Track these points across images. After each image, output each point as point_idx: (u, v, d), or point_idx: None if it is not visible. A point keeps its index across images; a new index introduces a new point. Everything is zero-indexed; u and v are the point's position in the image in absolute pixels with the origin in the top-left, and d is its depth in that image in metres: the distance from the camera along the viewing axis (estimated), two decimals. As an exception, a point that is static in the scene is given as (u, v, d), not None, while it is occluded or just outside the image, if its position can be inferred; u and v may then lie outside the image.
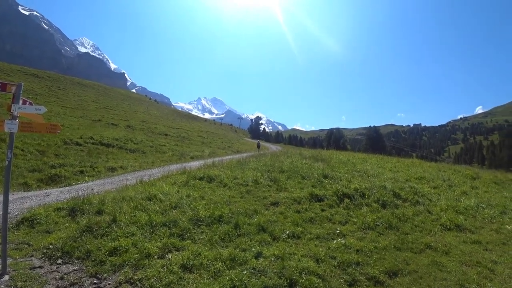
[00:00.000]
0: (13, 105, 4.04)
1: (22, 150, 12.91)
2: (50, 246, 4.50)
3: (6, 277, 3.67)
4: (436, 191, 9.78)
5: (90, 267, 4.01)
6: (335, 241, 5.19)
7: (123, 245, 4.41)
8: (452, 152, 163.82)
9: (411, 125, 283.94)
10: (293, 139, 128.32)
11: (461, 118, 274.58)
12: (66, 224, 5.40)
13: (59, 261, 4.18)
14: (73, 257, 4.27)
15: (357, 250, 4.89)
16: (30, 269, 3.93)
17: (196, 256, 4.24)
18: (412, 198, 8.31)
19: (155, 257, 4.26)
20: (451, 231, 6.41)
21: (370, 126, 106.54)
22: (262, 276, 3.85)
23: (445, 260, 4.89)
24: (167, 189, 7.29)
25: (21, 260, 4.17)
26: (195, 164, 13.61)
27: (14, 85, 4.12)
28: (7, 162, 4.02)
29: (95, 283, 3.71)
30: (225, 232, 5.14)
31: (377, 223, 6.26)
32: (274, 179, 8.94)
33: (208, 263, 4.09)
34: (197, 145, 29.77)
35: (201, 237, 5.02)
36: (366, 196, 7.86)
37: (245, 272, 3.90)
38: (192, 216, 5.65)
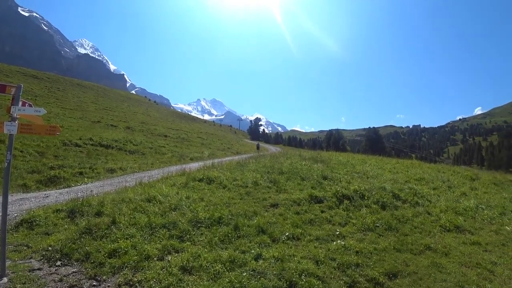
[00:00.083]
0: (13, 107, 4.03)
1: (21, 151, 12.89)
2: (49, 248, 4.49)
3: (5, 279, 3.66)
4: (436, 192, 9.80)
5: (90, 269, 4.00)
6: (335, 243, 5.20)
7: (123, 247, 4.41)
8: (452, 153, 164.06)
9: (411, 126, 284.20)
10: (293, 140, 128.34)
11: (460, 119, 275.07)
12: (65, 226, 5.39)
13: (58, 263, 4.17)
14: (72, 259, 4.26)
15: (357, 252, 4.89)
16: (29, 271, 3.92)
17: (196, 258, 4.24)
18: (412, 199, 8.32)
19: (155, 259, 4.26)
20: (451, 232, 6.42)
21: (370, 127, 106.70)
22: (262, 278, 3.85)
23: (445, 262, 4.89)
24: (167, 191, 7.28)
25: (20, 262, 4.15)
26: (195, 166, 13.62)
27: (14, 87, 4.12)
28: (6, 164, 4.02)
29: (94, 285, 3.70)
30: (225, 234, 5.14)
31: (377, 225, 6.26)
32: (274, 181, 8.94)
33: (208, 265, 4.08)
34: (197, 147, 29.75)
35: (201, 239, 5.02)
36: (366, 198, 7.87)
37: (245, 274, 3.90)
38: (192, 218, 5.64)
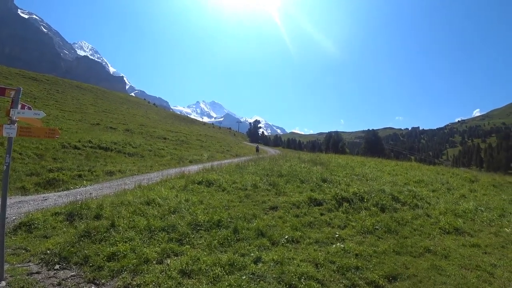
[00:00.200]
0: (12, 110, 4.03)
1: (20, 154, 12.86)
2: (48, 252, 4.47)
3: (3, 283, 3.64)
4: (435, 195, 9.80)
5: (88, 273, 3.98)
6: (334, 246, 5.19)
7: (122, 250, 4.39)
8: (451, 155, 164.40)
9: (410, 128, 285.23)
10: (292, 143, 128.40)
11: (459, 121, 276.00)
12: (64, 229, 5.37)
13: (57, 267, 4.15)
14: (71, 263, 4.24)
15: (356, 255, 4.89)
16: (28, 275, 3.90)
17: (195, 261, 4.23)
18: (411, 202, 8.32)
19: (154, 262, 4.24)
20: (450, 235, 6.42)
21: (369, 130, 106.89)
22: (261, 281, 3.84)
23: (445, 264, 4.89)
24: (166, 194, 7.27)
25: (19, 266, 4.14)
26: (194, 168, 13.60)
27: (13, 90, 4.12)
28: (5, 167, 4.01)
29: (93, 289, 3.69)
30: (224, 237, 5.13)
31: (376, 227, 6.26)
32: (273, 183, 8.93)
33: (207, 268, 4.07)
34: (196, 149, 29.72)
35: (200, 242, 5.00)
36: (365, 200, 7.86)
37: (244, 277, 3.89)
38: (191, 221, 5.63)
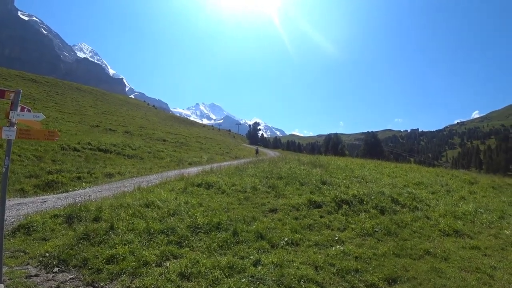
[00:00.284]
0: (11, 112, 4.03)
1: (19, 156, 12.84)
2: (47, 254, 4.46)
3: (2, 286, 3.62)
4: (434, 197, 9.81)
5: (87, 276, 3.97)
6: (334, 248, 5.18)
7: (121, 253, 4.38)
8: (450, 157, 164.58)
9: (409, 130, 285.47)
10: (291, 145, 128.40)
11: (458, 123, 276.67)
12: (63, 232, 5.36)
13: (56, 270, 4.14)
14: (70, 265, 4.23)
15: (356, 257, 4.88)
16: (26, 278, 3.88)
17: (194, 264, 4.21)
18: (411, 204, 8.32)
19: (153, 265, 4.23)
20: (450, 237, 6.42)
21: (368, 132, 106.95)
22: (261, 284, 3.83)
23: (444, 266, 4.88)
24: (165, 196, 7.26)
25: (17, 268, 4.12)
26: (193, 170, 13.59)
27: (13, 92, 4.12)
28: (4, 169, 4.00)
29: (92, 292, 3.67)
30: (224, 240, 5.12)
31: (376, 230, 6.26)
32: (273, 186, 8.93)
33: (206, 271, 4.06)
34: (195, 151, 29.71)
35: (199, 245, 4.99)
36: (365, 202, 7.87)
37: (244, 280, 3.87)
38: (190, 223, 5.62)
